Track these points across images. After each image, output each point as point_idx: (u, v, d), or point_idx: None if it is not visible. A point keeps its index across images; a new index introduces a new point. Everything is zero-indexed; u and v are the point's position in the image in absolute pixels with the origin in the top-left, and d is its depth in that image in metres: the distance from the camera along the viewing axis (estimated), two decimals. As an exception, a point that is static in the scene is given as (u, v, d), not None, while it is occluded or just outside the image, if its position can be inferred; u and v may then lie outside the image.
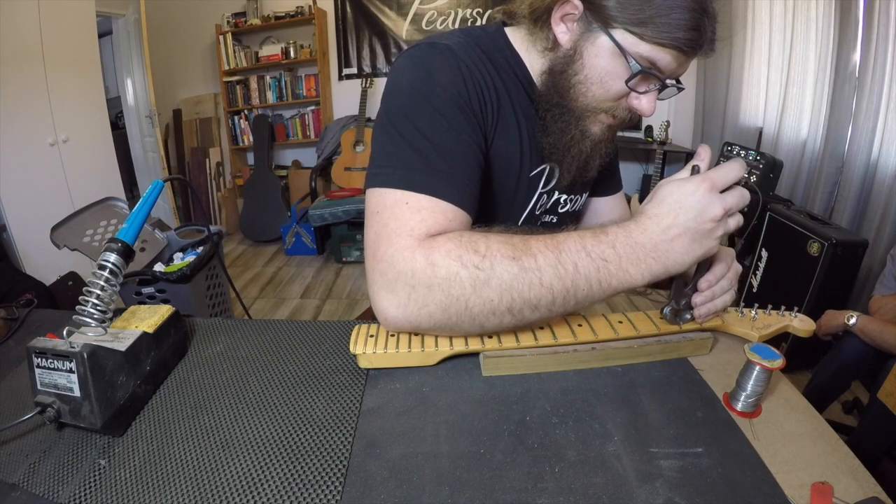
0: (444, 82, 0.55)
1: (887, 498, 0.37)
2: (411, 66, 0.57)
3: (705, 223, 0.46)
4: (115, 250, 0.50)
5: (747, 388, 0.46)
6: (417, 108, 0.54)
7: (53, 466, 0.45)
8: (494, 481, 0.41)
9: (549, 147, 0.63)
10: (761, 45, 2.66)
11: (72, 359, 0.46)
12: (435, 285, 0.47)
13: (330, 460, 0.44)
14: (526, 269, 0.47)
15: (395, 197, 0.51)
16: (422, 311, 0.49)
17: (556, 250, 0.48)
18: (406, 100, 0.55)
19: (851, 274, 1.70)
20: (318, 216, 3.00)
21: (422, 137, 0.53)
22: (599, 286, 0.48)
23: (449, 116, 0.54)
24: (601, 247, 0.48)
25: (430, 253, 0.48)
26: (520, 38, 0.64)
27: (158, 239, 1.76)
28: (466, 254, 0.47)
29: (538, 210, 0.72)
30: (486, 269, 0.47)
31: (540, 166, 0.68)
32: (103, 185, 2.67)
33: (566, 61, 0.57)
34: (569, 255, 0.47)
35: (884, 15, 1.82)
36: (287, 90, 3.76)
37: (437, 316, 0.49)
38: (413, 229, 0.50)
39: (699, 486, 0.39)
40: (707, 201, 0.46)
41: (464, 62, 0.57)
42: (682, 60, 0.54)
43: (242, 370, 0.58)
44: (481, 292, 0.47)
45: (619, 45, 0.53)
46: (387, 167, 0.53)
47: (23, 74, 2.22)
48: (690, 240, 0.47)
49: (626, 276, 0.48)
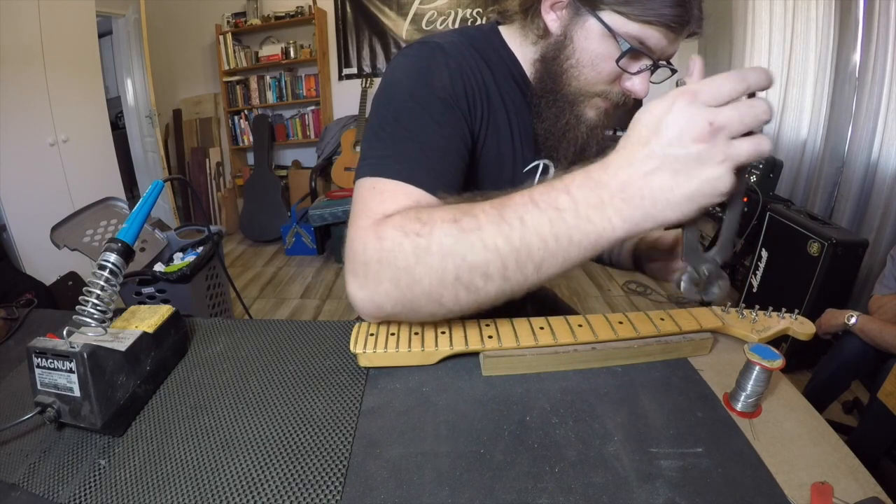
0: (430, 79, 0.55)
1: (887, 498, 0.37)
2: (400, 66, 0.58)
3: (688, 145, 0.35)
4: (115, 250, 0.50)
5: (747, 388, 0.46)
6: (401, 104, 0.54)
7: (53, 466, 0.45)
8: (494, 481, 0.41)
9: (545, 133, 0.63)
10: (761, 46, 2.66)
11: (72, 359, 0.46)
12: (382, 259, 0.45)
13: (330, 460, 0.44)
14: (465, 230, 0.42)
15: (366, 184, 0.52)
16: (378, 289, 0.47)
17: (500, 206, 0.42)
18: (392, 97, 0.56)
19: (851, 274, 1.70)
20: (318, 216, 3.00)
21: (402, 130, 0.53)
22: (557, 242, 0.40)
23: (432, 111, 0.54)
24: (552, 194, 0.40)
25: (379, 228, 0.47)
26: (513, 35, 0.65)
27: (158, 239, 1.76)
28: (409, 223, 0.45)
29: None
30: (425, 234, 0.44)
31: (533, 162, 0.68)
32: (103, 185, 2.67)
33: (557, 47, 0.58)
34: (513, 210, 0.41)
35: (884, 15, 1.82)
36: (287, 90, 3.76)
37: (392, 293, 0.46)
38: (373, 210, 0.49)
39: (699, 486, 0.39)
40: (687, 116, 0.35)
41: (454, 59, 0.57)
42: (672, 38, 0.54)
43: (242, 370, 0.58)
44: (425, 260, 0.43)
45: (607, 25, 0.53)
46: (365, 159, 0.54)
47: (23, 74, 2.22)
48: (672, 172, 0.36)
49: (589, 227, 0.39)
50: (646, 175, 0.37)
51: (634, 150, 0.37)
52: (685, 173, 0.36)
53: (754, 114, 0.35)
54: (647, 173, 0.37)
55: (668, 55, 0.56)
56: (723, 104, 0.35)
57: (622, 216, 0.38)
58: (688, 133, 0.35)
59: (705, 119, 0.35)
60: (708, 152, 0.35)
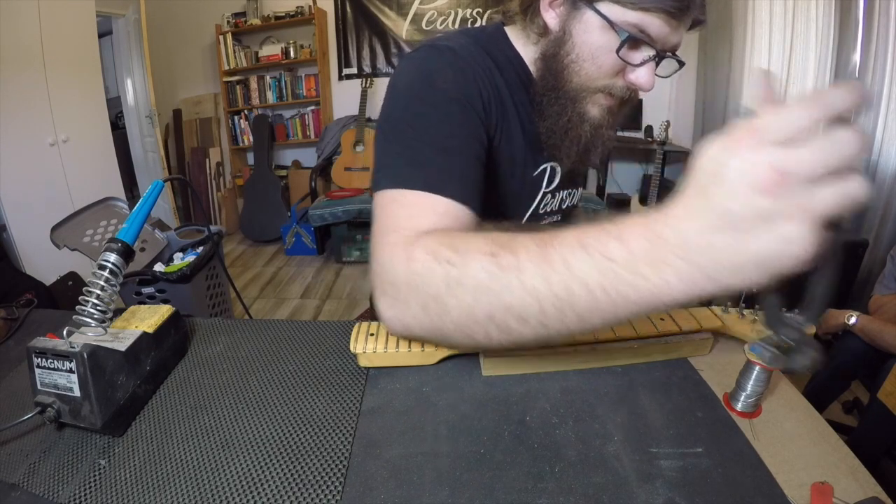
0: (444, 82, 0.54)
1: (887, 498, 0.37)
2: (411, 69, 0.57)
3: (751, 198, 0.28)
4: (115, 250, 0.50)
5: (747, 388, 0.46)
6: (416, 109, 0.53)
7: (53, 466, 0.45)
8: (494, 481, 0.41)
9: (547, 132, 0.62)
10: (761, 45, 2.66)
11: (72, 359, 0.46)
12: (412, 283, 0.43)
13: (330, 460, 0.44)
14: (503, 267, 0.38)
15: (389, 196, 0.50)
16: (407, 313, 0.44)
17: (544, 244, 0.37)
18: (405, 102, 0.54)
19: (851, 274, 1.69)
20: (318, 216, 3.00)
21: (419, 136, 0.52)
22: (606, 295, 0.34)
23: (449, 115, 0.53)
24: (604, 239, 0.34)
25: (411, 248, 0.44)
26: (517, 36, 0.64)
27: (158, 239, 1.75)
28: (442, 249, 0.42)
29: (542, 210, 0.72)
30: (458, 264, 0.40)
31: (542, 166, 0.67)
32: (103, 185, 2.67)
33: (557, 43, 0.57)
34: (559, 251, 0.36)
35: (884, 15, 1.82)
36: (287, 90, 3.76)
37: (421, 318, 0.43)
38: (401, 226, 0.47)
39: (699, 486, 0.39)
40: (748, 161, 0.28)
41: (465, 61, 0.57)
42: (674, 26, 0.52)
43: (242, 370, 0.58)
44: (456, 292, 0.40)
45: (604, 16, 0.52)
46: (382, 169, 0.52)
47: (23, 74, 2.22)
48: (734, 231, 0.29)
49: (643, 283, 0.33)
50: (705, 232, 0.30)
51: (693, 201, 0.31)
52: (749, 233, 0.29)
53: (839, 151, 0.26)
54: (706, 230, 0.30)
55: (672, 45, 0.55)
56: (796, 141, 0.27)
57: (680, 276, 0.32)
58: (750, 183, 0.28)
59: (771, 164, 0.27)
60: (777, 207, 0.27)
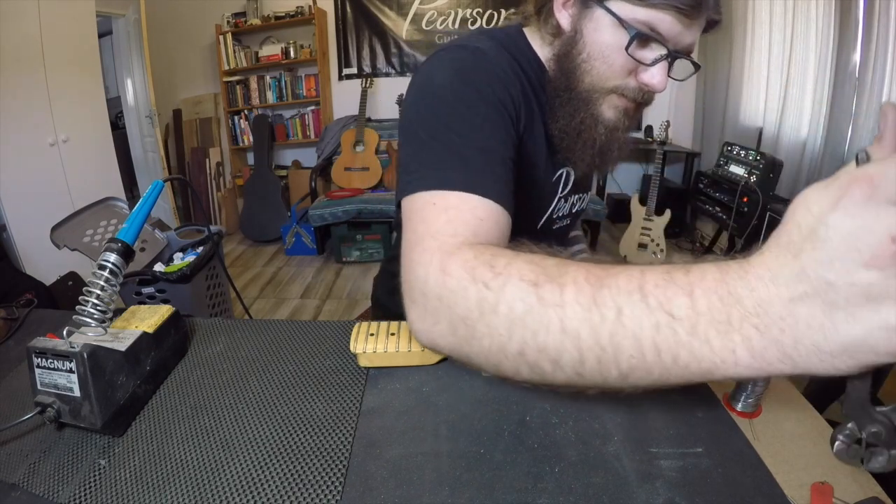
0: (477, 83, 0.53)
1: (887, 498, 0.37)
2: (441, 69, 0.55)
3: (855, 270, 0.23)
4: (115, 250, 0.50)
5: (747, 388, 0.46)
6: (450, 110, 0.51)
7: (53, 466, 0.45)
8: (494, 481, 0.41)
9: (559, 134, 0.61)
10: (761, 45, 2.66)
11: (72, 359, 0.46)
12: (443, 297, 0.39)
13: (330, 461, 0.44)
14: (544, 301, 0.33)
15: (424, 199, 0.47)
16: (435, 328, 0.41)
17: (596, 283, 0.32)
18: (437, 102, 0.53)
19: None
20: (318, 216, 3.00)
21: (455, 137, 0.50)
22: (658, 357, 0.30)
23: (484, 115, 0.52)
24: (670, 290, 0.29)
25: (447, 260, 0.40)
26: (534, 37, 0.64)
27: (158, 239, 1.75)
28: (480, 267, 0.38)
29: (555, 215, 0.72)
30: (495, 288, 0.36)
31: (559, 170, 0.67)
32: (103, 185, 2.67)
33: (570, 43, 0.57)
34: (612, 295, 0.31)
35: (884, 15, 1.82)
36: (287, 90, 3.76)
37: (448, 337, 0.40)
38: (438, 231, 0.44)
39: (699, 486, 0.39)
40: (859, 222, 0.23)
41: (495, 62, 0.56)
42: (686, 24, 0.51)
43: (242, 370, 0.58)
44: (488, 318, 0.36)
45: (614, 14, 0.52)
46: (416, 172, 0.49)
47: (23, 74, 2.22)
48: (827, 305, 0.25)
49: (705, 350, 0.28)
50: (791, 301, 0.26)
51: (782, 261, 0.26)
52: (846, 311, 0.24)
53: None
54: (794, 299, 0.25)
55: (686, 45, 0.54)
56: None
57: (751, 349, 0.27)
58: (857, 249, 0.23)
59: (889, 231, 0.22)
60: (887, 285, 0.23)
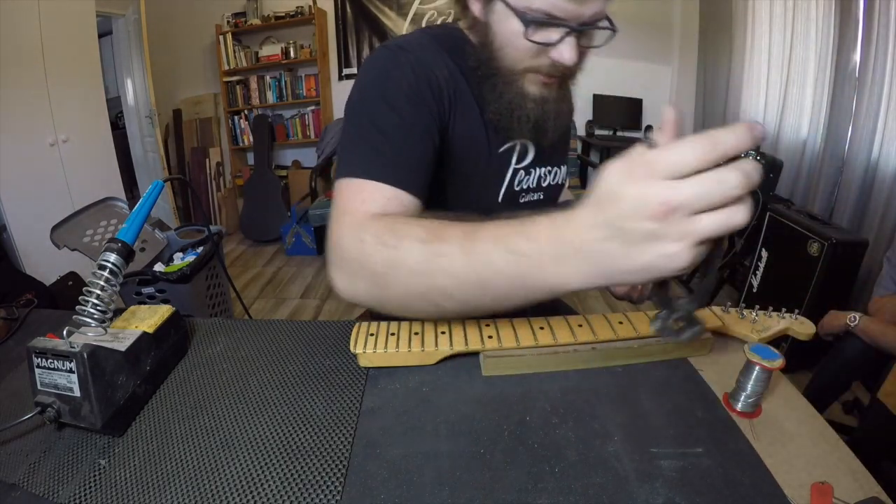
0: (394, 79, 0.59)
1: (887, 498, 0.37)
2: (367, 70, 0.63)
3: (639, 222, 0.33)
4: (115, 250, 0.50)
5: (747, 388, 0.46)
6: (370, 105, 0.59)
7: (53, 466, 0.45)
8: (494, 481, 0.41)
9: (496, 116, 0.65)
10: (761, 45, 2.66)
11: (72, 359, 0.46)
12: (360, 260, 0.49)
13: (330, 460, 0.44)
14: (432, 253, 0.45)
15: (346, 183, 0.56)
16: (355, 284, 0.51)
17: (469, 236, 0.44)
18: (361, 99, 0.61)
19: (851, 274, 1.70)
20: (318, 216, 2.99)
21: (372, 130, 0.58)
22: (516, 282, 0.41)
23: (399, 108, 0.58)
24: (519, 239, 0.41)
25: (360, 230, 0.50)
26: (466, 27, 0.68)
27: (158, 239, 1.76)
28: (385, 233, 0.48)
29: (517, 187, 0.74)
30: (396, 248, 0.47)
31: (507, 143, 0.70)
32: (103, 185, 2.67)
33: (484, 32, 0.61)
34: (481, 244, 0.43)
35: (884, 15, 1.82)
36: (287, 90, 3.76)
37: (367, 290, 0.50)
38: (356, 209, 0.54)
39: (699, 486, 0.39)
40: (640, 192, 0.33)
41: (412, 54, 0.61)
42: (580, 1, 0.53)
43: (242, 370, 0.58)
44: (394, 272, 0.47)
45: (508, 5, 0.55)
46: (344, 160, 0.58)
47: (23, 74, 2.22)
48: (625, 244, 0.35)
49: (547, 275, 0.39)
50: (600, 241, 0.36)
51: (592, 214, 0.36)
52: (637, 246, 0.34)
53: (722, 190, 0.31)
54: (602, 239, 0.36)
55: (589, 17, 0.55)
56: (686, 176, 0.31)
57: (579, 271, 0.38)
58: (639, 210, 0.33)
59: (659, 198, 0.32)
60: (663, 230, 0.32)
